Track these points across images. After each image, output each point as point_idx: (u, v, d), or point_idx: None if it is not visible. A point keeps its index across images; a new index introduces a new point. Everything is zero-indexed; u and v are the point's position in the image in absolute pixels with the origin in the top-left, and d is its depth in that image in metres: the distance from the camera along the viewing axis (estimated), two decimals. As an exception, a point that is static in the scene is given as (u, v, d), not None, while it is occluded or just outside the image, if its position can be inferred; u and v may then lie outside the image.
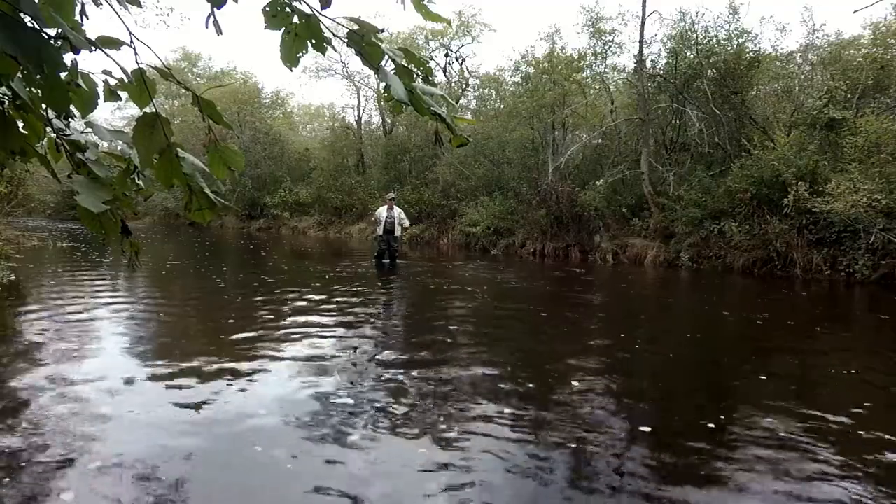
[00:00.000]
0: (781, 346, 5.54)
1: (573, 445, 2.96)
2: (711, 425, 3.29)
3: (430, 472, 2.63)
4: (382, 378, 4.01)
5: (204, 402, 3.40)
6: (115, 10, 1.29)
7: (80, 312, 5.98)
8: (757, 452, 2.91)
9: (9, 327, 5.27)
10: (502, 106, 19.56)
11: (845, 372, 4.54)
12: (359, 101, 26.40)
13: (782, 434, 3.15)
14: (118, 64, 1.30)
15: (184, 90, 1.48)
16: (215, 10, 1.23)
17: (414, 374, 4.11)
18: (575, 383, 4.00)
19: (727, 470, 2.73)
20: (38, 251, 12.76)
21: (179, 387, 3.69)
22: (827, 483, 2.62)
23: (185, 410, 3.28)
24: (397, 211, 11.62)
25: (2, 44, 0.95)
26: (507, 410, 3.43)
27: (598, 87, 17.52)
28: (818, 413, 3.50)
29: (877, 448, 3.01)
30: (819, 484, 2.61)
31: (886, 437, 3.15)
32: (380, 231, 11.56)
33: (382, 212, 11.54)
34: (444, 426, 3.17)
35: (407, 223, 12.00)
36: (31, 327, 5.23)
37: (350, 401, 3.51)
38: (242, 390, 3.65)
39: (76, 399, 3.40)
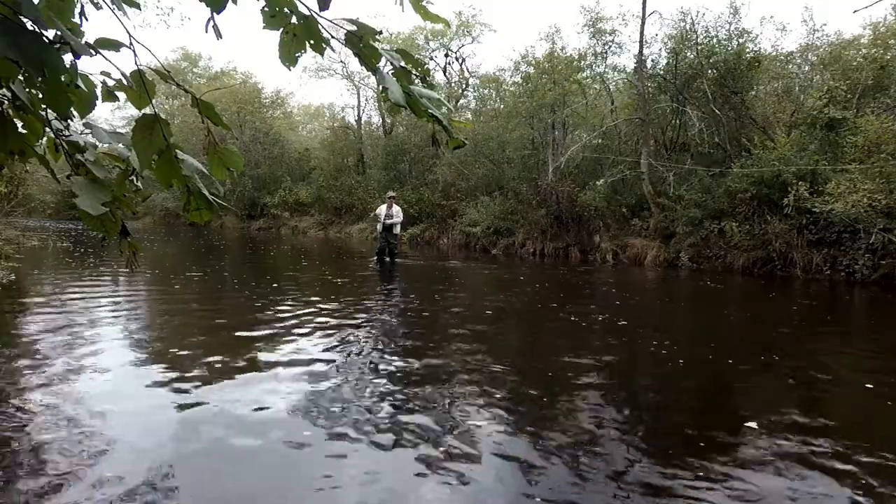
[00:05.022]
0: (784, 347, 5.54)
1: (575, 448, 2.96)
2: (713, 428, 3.29)
3: (431, 474, 2.64)
4: (385, 379, 4.01)
5: (206, 403, 3.41)
6: (114, 13, 1.30)
7: (79, 313, 5.98)
8: (759, 454, 2.92)
9: (8, 328, 5.28)
10: (502, 106, 19.55)
11: (846, 373, 4.54)
12: (359, 101, 26.45)
13: (787, 438, 3.15)
14: (117, 67, 1.31)
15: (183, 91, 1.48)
16: (215, 14, 1.23)
17: (415, 375, 4.12)
18: (576, 385, 4.00)
19: (729, 473, 2.73)
20: (38, 251, 12.75)
21: (181, 387, 3.69)
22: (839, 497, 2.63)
23: (186, 411, 3.29)
24: (396, 209, 11.76)
25: (3, 48, 0.96)
26: (507, 411, 3.44)
27: (598, 87, 17.53)
28: (826, 421, 3.50)
29: (876, 449, 3.02)
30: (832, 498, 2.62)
31: (886, 437, 3.16)
32: (379, 228, 11.83)
33: (382, 210, 11.79)
34: (444, 427, 3.17)
35: (400, 220, 11.84)
36: (31, 328, 5.23)
37: (352, 403, 3.51)
38: (245, 392, 3.66)
39: (75, 399, 3.40)
